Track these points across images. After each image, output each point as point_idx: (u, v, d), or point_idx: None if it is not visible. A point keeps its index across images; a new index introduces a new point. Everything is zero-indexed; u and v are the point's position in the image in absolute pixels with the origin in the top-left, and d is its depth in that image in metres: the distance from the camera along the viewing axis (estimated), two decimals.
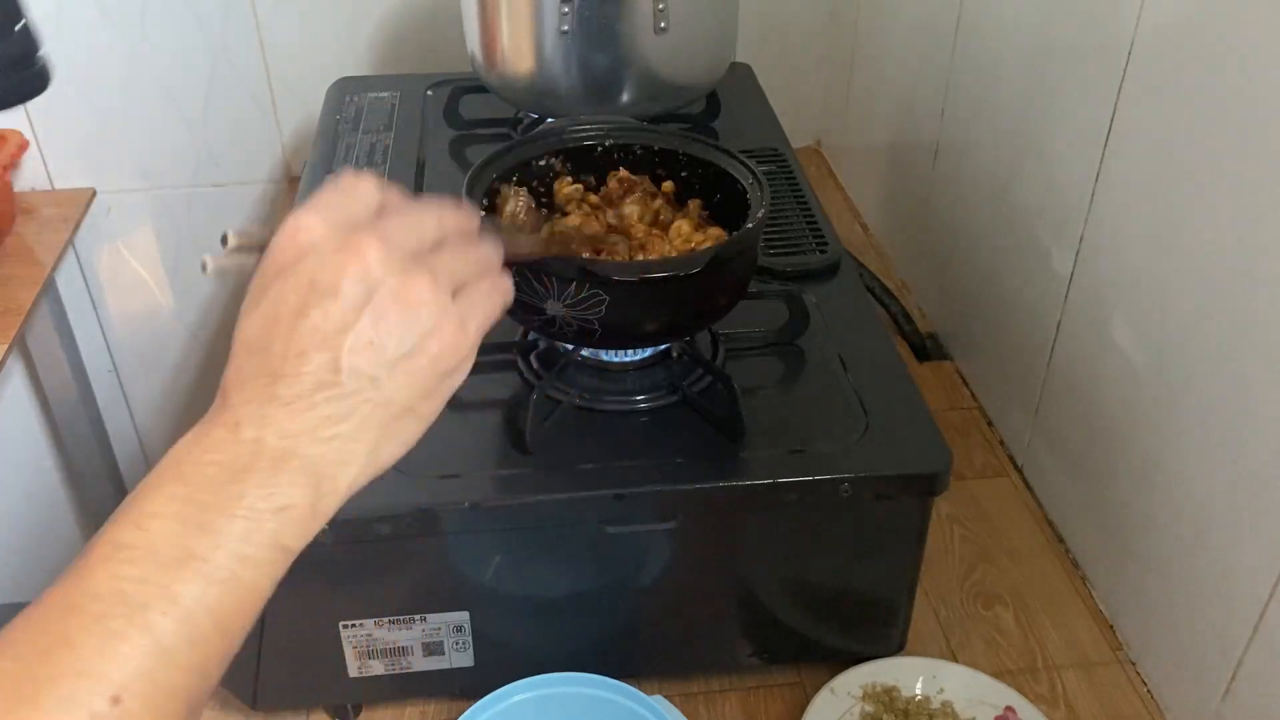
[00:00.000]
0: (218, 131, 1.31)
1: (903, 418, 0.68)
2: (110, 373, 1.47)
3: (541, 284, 0.63)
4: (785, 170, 0.96)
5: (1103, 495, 0.80)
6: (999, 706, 0.70)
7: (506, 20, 0.94)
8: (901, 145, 1.15)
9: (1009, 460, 0.94)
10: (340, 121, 1.04)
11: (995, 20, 0.93)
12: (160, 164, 1.32)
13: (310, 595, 0.65)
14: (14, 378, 1.43)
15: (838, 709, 0.69)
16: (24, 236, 1.25)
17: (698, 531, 0.66)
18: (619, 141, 0.77)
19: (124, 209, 1.35)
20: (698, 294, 0.65)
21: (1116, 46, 0.74)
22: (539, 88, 0.94)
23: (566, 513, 0.64)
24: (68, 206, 1.29)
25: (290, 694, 0.70)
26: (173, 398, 1.52)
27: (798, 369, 0.74)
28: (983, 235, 0.97)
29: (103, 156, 1.31)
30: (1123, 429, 0.77)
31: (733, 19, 0.99)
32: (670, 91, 0.96)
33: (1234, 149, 0.64)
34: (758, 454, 0.66)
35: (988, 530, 0.87)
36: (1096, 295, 0.79)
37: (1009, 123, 0.91)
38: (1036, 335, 0.88)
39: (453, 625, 0.67)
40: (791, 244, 0.85)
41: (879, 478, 0.65)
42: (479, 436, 0.67)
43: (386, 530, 0.61)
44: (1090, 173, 0.78)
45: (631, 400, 0.69)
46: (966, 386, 1.02)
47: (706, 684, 0.74)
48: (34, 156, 1.29)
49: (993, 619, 0.80)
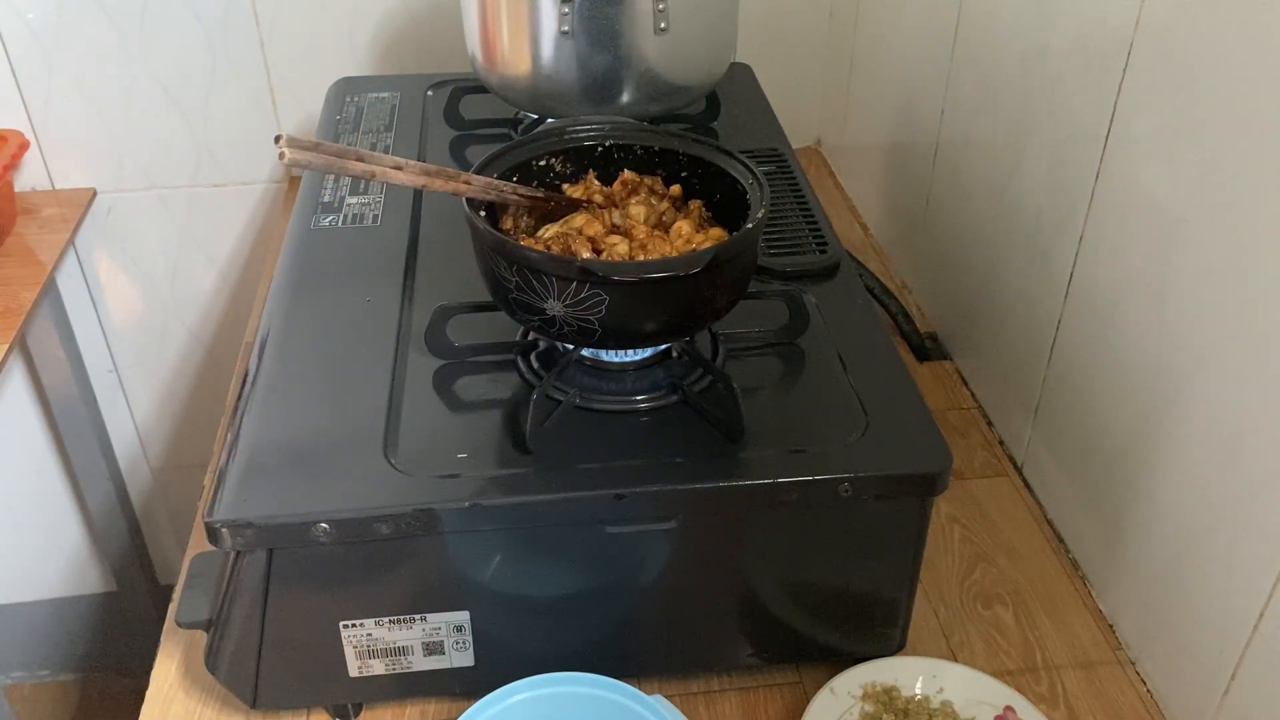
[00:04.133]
0: (218, 131, 1.31)
1: (903, 418, 0.68)
2: (110, 373, 1.47)
3: (541, 284, 0.63)
4: (785, 170, 0.96)
5: (1103, 495, 0.80)
6: (999, 706, 0.70)
7: (506, 20, 0.94)
8: (901, 145, 1.15)
9: (1009, 460, 0.94)
10: (340, 121, 1.05)
11: (995, 20, 0.93)
12: (160, 164, 1.32)
13: (310, 595, 0.65)
14: (14, 378, 1.44)
15: (837, 709, 0.69)
16: (24, 236, 1.25)
17: (698, 531, 0.66)
18: (619, 141, 0.77)
19: (124, 209, 1.35)
20: (698, 294, 0.65)
21: (1116, 46, 0.74)
22: (539, 88, 0.94)
23: (566, 513, 0.64)
24: (68, 206, 1.29)
25: (290, 694, 0.70)
26: (173, 398, 1.52)
27: (798, 369, 0.74)
28: (983, 235, 0.97)
29: (103, 156, 1.31)
30: (1123, 429, 0.77)
31: (733, 19, 0.99)
32: (670, 91, 0.96)
33: (1234, 149, 0.64)
34: (758, 454, 0.66)
35: (987, 530, 0.87)
36: (1096, 295, 0.79)
37: (1009, 123, 0.91)
38: (1036, 335, 0.88)
39: (453, 625, 0.67)
40: (791, 244, 0.85)
41: (879, 478, 0.65)
42: (479, 436, 0.67)
43: (386, 530, 0.61)
44: (1090, 173, 0.78)
45: (631, 400, 0.69)
46: (966, 386, 1.02)
47: (706, 684, 0.74)
48: (34, 156, 1.29)
49: (992, 619, 0.80)
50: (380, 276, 0.81)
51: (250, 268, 1.42)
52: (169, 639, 0.77)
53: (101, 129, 1.29)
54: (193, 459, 1.56)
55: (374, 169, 0.65)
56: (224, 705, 0.72)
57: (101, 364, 1.46)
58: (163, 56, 1.25)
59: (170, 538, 1.64)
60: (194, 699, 0.73)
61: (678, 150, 0.76)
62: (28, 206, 1.29)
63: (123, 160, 1.32)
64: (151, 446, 1.56)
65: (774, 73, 1.19)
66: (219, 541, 0.61)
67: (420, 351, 0.73)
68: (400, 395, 0.70)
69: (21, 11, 1.20)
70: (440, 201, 0.85)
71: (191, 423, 1.54)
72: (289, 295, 0.79)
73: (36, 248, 1.23)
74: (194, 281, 1.42)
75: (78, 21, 1.22)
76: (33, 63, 1.23)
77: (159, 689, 0.74)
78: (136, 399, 1.51)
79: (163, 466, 1.58)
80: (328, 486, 0.63)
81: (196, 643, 0.74)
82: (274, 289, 0.80)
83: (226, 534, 0.61)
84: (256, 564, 0.63)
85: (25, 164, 1.30)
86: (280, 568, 0.63)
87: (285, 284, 0.80)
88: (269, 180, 1.36)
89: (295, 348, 0.74)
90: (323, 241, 0.85)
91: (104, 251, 1.37)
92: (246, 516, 0.61)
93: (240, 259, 1.41)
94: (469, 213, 0.66)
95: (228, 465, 0.64)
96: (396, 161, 0.66)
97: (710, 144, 0.74)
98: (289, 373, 0.71)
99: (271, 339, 0.75)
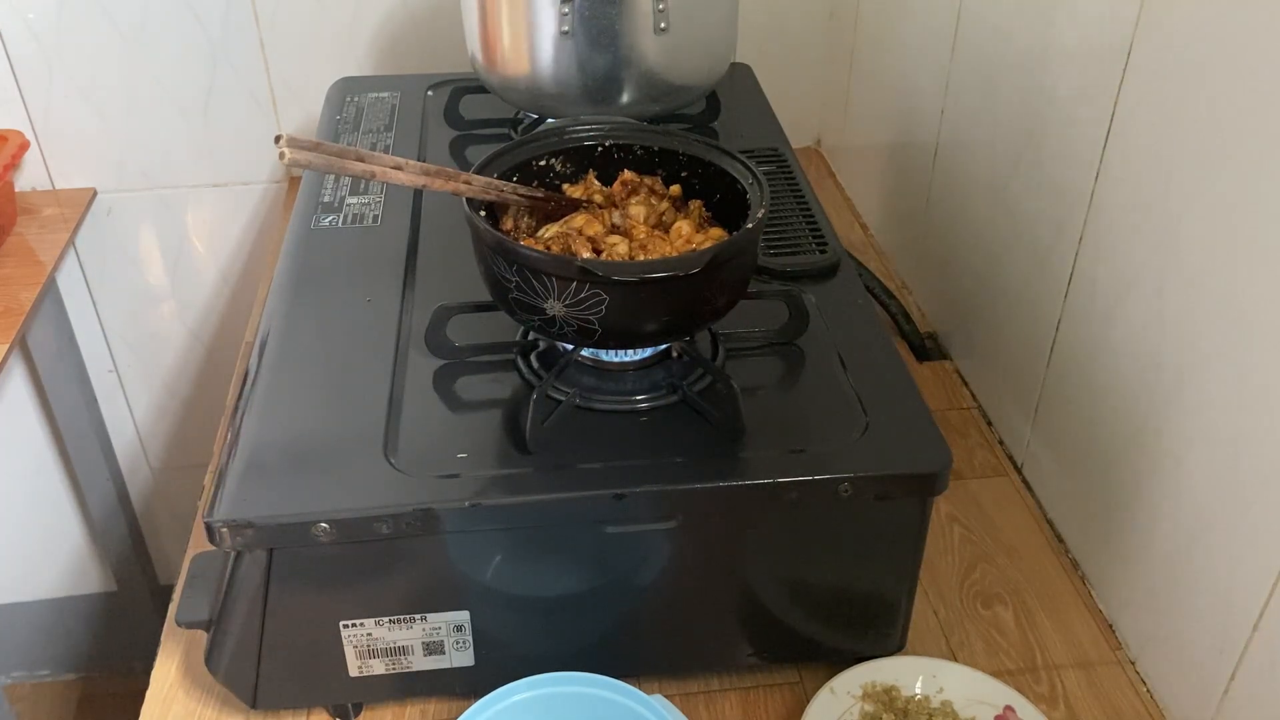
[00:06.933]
0: (218, 131, 1.31)
1: (903, 418, 0.68)
2: (110, 373, 1.47)
3: (541, 284, 0.63)
4: (785, 170, 0.96)
5: (1103, 495, 0.80)
6: (998, 706, 0.70)
7: (506, 21, 0.94)
8: (901, 145, 1.15)
9: (1009, 460, 0.94)
10: (340, 122, 1.05)
11: (995, 20, 0.93)
12: (160, 164, 1.32)
13: (310, 595, 0.65)
14: (14, 378, 1.44)
15: (837, 709, 0.69)
16: (25, 236, 1.25)
17: (698, 531, 0.66)
18: (619, 141, 0.77)
19: (124, 209, 1.35)
20: (698, 294, 0.65)
21: (1116, 46, 0.74)
22: (539, 88, 0.94)
23: (566, 513, 0.64)
24: (68, 206, 1.29)
25: (290, 694, 0.70)
26: (173, 398, 1.52)
27: (798, 369, 0.74)
28: (983, 235, 0.97)
29: (103, 156, 1.31)
30: (1123, 429, 0.77)
31: (733, 19, 0.99)
32: (670, 92, 0.96)
33: (1234, 149, 0.64)
34: (758, 454, 0.66)
35: (987, 530, 0.87)
36: (1096, 295, 0.79)
37: (1009, 123, 0.91)
38: (1036, 335, 0.88)
39: (453, 625, 0.67)
40: (791, 244, 0.85)
41: (879, 478, 0.65)
42: (479, 437, 0.67)
43: (386, 530, 0.61)
44: (1090, 173, 0.78)
45: (631, 400, 0.69)
46: (966, 386, 1.02)
47: (706, 684, 0.74)
48: (35, 156, 1.29)
49: (992, 619, 0.80)
50: (380, 276, 0.81)
51: (250, 268, 1.42)
52: (169, 639, 0.77)
53: (101, 129, 1.29)
54: (193, 459, 1.56)
55: (374, 169, 0.65)
56: (224, 705, 0.72)
57: (101, 364, 1.46)
58: (163, 56, 1.26)
59: (170, 538, 1.64)
60: (194, 699, 0.73)
61: (678, 150, 0.76)
62: (28, 206, 1.29)
63: (123, 160, 1.32)
64: (151, 446, 1.56)
65: (774, 73, 1.19)
66: (219, 541, 0.61)
67: (420, 351, 0.73)
68: (400, 395, 0.70)
69: (22, 12, 1.20)
70: (440, 201, 0.85)
71: (191, 423, 1.54)
72: (289, 295, 0.79)
73: (36, 248, 1.23)
74: (194, 281, 1.42)
75: (78, 22, 1.22)
76: (33, 63, 1.23)
77: (159, 689, 0.74)
78: (136, 399, 1.51)
79: (163, 466, 1.58)
80: (328, 486, 0.63)
81: (196, 643, 0.74)
82: (274, 289, 0.80)
83: (226, 534, 0.61)
84: (256, 564, 0.63)
85: (25, 164, 1.30)
86: (280, 568, 0.63)
87: (285, 284, 0.80)
88: (269, 180, 1.36)
89: (295, 348, 0.74)
90: (323, 241, 0.85)
91: (104, 251, 1.37)
92: (246, 516, 0.61)
93: (240, 259, 1.41)
94: (469, 213, 0.67)
95: (228, 465, 0.64)
96: (396, 161, 0.66)
97: (710, 144, 0.74)
98: (289, 373, 0.71)
99: (271, 339, 0.75)
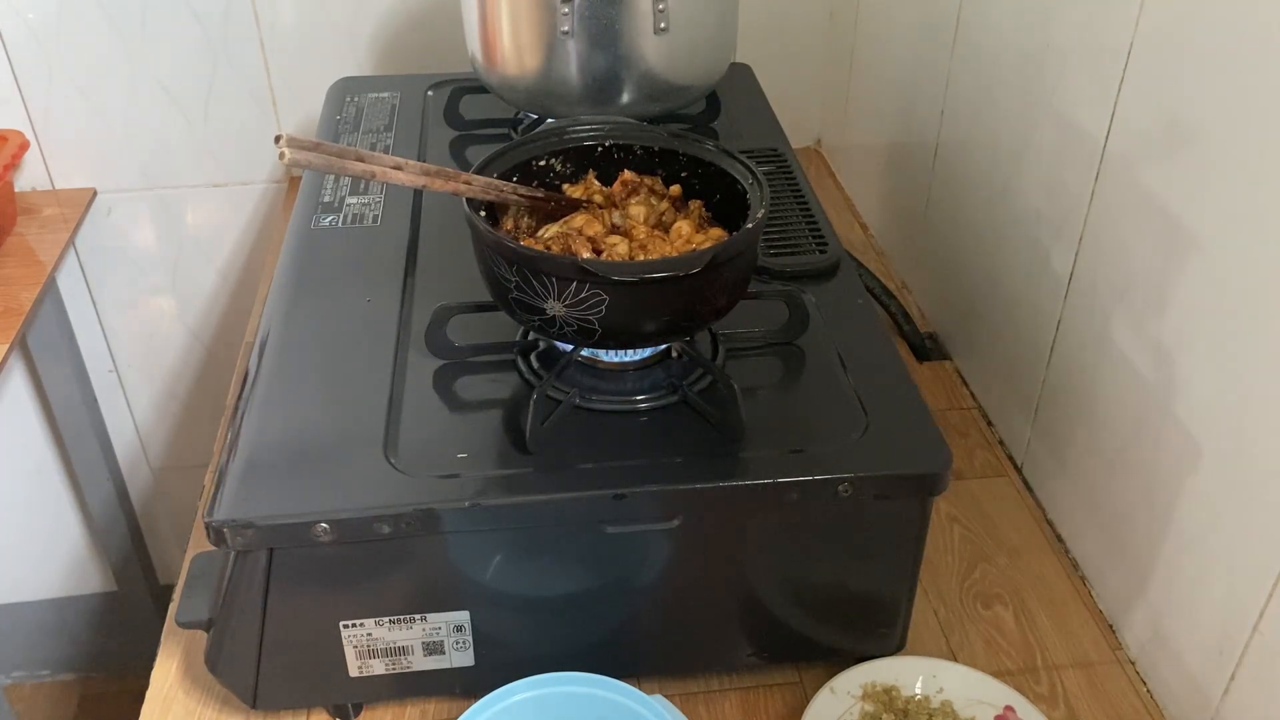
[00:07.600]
0: (218, 131, 1.31)
1: (903, 418, 0.68)
2: (110, 373, 1.47)
3: (541, 284, 0.63)
4: (785, 170, 0.96)
5: (1103, 495, 0.80)
6: (998, 706, 0.70)
7: (506, 20, 0.94)
8: (901, 145, 1.15)
9: (1009, 460, 0.94)
10: (340, 122, 1.05)
11: (995, 20, 0.93)
12: (160, 164, 1.32)
13: (310, 595, 0.65)
14: (14, 378, 1.44)
15: (837, 709, 0.69)
16: (24, 236, 1.25)
17: (698, 531, 0.66)
18: (619, 141, 0.77)
19: (124, 209, 1.35)
20: (698, 294, 0.65)
21: (1116, 46, 0.74)
22: (539, 88, 0.94)
23: (566, 513, 0.64)
24: (68, 206, 1.29)
25: (290, 694, 0.70)
26: (173, 398, 1.52)
27: (798, 369, 0.74)
28: (983, 235, 0.97)
29: (103, 156, 1.31)
30: (1123, 429, 0.77)
31: (733, 19, 0.99)
32: (670, 91, 0.96)
33: (1234, 149, 0.64)
34: (758, 454, 0.66)
35: (987, 530, 0.87)
36: (1096, 295, 0.79)
37: (1009, 123, 0.91)
38: (1036, 335, 0.88)
39: (453, 625, 0.67)
40: (791, 244, 0.85)
41: (879, 478, 0.65)
42: (479, 437, 0.67)
43: (387, 530, 0.61)
44: (1090, 173, 0.78)
45: (631, 400, 0.69)
46: (966, 386, 1.02)
47: (706, 684, 0.74)
48: (35, 156, 1.29)
49: (992, 619, 0.80)
50: (380, 276, 0.81)
51: (250, 268, 1.42)
52: (169, 639, 0.77)
53: (101, 129, 1.29)
54: (193, 459, 1.56)
55: (374, 169, 0.65)
56: (224, 705, 0.72)
57: (101, 364, 1.46)
58: (163, 56, 1.26)
59: (170, 538, 1.64)
60: (194, 699, 0.73)
61: (678, 150, 0.76)
62: (28, 206, 1.29)
63: (123, 160, 1.32)
64: (151, 446, 1.56)
65: (774, 73, 1.19)
66: (219, 541, 0.61)
67: (420, 351, 0.73)
68: (400, 395, 0.70)
69: (21, 11, 1.20)
70: (440, 201, 0.85)
71: (191, 423, 1.54)
72: (289, 295, 0.79)
73: (36, 248, 1.23)
74: (194, 281, 1.42)
75: (78, 22, 1.22)
76: (33, 63, 1.23)
77: (159, 689, 0.74)
78: (136, 399, 1.51)
79: (163, 466, 1.58)
80: (328, 486, 0.63)
81: (196, 643, 0.74)
82: (274, 289, 0.80)
83: (227, 534, 0.61)
84: (256, 564, 0.63)
85: (25, 164, 1.30)
86: (280, 568, 0.63)
87: (285, 284, 0.80)
88: (269, 180, 1.36)
89: (295, 348, 0.74)
90: (323, 241, 0.85)
91: (104, 251, 1.37)
92: (247, 516, 0.61)
93: (240, 259, 1.41)
94: (469, 213, 0.67)
95: (228, 465, 0.64)
96: (396, 161, 0.66)
97: (710, 144, 0.74)
98: (289, 373, 0.71)
99: (271, 339, 0.75)
